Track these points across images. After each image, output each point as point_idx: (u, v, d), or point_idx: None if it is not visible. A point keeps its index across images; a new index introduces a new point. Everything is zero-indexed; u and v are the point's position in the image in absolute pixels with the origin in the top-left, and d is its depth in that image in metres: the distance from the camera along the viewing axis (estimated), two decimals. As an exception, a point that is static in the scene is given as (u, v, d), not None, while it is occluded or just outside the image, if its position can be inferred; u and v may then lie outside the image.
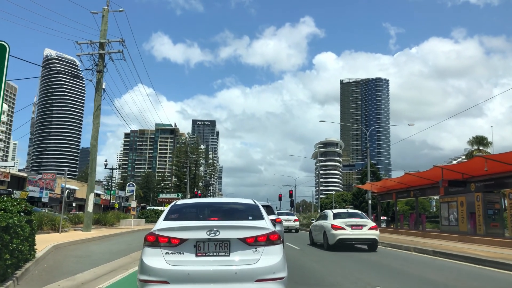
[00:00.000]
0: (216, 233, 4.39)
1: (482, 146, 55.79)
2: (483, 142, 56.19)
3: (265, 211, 5.31)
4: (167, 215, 5.03)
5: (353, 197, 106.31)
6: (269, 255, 4.42)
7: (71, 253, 11.17)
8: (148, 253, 4.40)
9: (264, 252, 4.42)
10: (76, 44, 20.27)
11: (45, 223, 17.40)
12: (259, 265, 4.34)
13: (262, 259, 4.38)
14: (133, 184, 30.93)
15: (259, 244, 4.44)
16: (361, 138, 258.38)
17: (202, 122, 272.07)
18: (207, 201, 6.80)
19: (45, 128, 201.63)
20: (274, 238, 4.53)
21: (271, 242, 4.49)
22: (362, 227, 14.27)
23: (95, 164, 20.37)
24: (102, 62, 20.35)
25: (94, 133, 19.87)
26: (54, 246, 11.78)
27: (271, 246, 4.48)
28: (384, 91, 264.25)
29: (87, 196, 19.21)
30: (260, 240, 4.45)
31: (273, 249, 4.47)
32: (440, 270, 9.27)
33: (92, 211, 19.33)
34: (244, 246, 4.42)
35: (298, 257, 11.79)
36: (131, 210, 26.90)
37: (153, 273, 4.23)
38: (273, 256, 4.43)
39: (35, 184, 54.14)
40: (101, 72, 20.17)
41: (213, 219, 4.86)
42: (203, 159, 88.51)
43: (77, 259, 9.90)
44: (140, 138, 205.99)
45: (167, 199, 43.23)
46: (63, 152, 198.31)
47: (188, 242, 4.37)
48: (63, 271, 7.78)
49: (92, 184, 19.79)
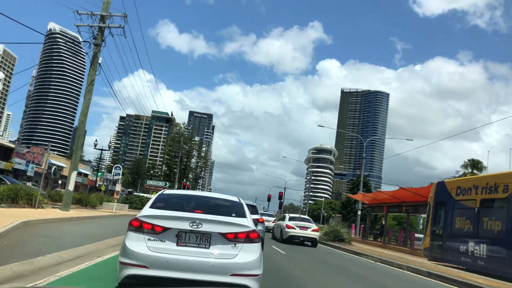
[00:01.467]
0: (198, 225, 4.49)
1: (477, 170, 55.35)
2: (478, 166, 55.78)
3: (250, 210, 5.51)
4: (153, 203, 5.14)
5: (342, 206, 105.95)
6: (247, 252, 4.53)
7: (40, 231, 10.29)
8: (131, 237, 4.50)
9: (243, 249, 4.53)
10: (76, 14, 19.28)
11: (21, 196, 16.41)
12: (236, 260, 4.46)
13: (240, 255, 4.49)
14: (120, 167, 29.87)
15: (239, 240, 4.56)
16: (355, 149, 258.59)
17: (199, 115, 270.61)
18: (194, 194, 6.78)
19: (41, 102, 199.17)
20: (254, 236, 4.65)
21: (250, 240, 4.60)
22: (307, 229, 19.21)
23: (81, 141, 19.40)
24: (101, 35, 19.37)
25: (84, 108, 18.88)
26: (24, 222, 10.88)
27: (250, 243, 4.59)
28: (384, 105, 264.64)
29: (69, 174, 18.22)
30: (240, 237, 4.56)
31: (251, 247, 4.59)
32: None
33: (73, 190, 18.37)
34: (224, 240, 4.53)
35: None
36: (115, 193, 25.93)
37: (134, 257, 4.33)
38: (251, 253, 4.54)
39: (22, 157, 52.83)
40: (98, 45, 19.19)
41: (197, 212, 4.90)
42: (196, 151, 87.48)
43: (44, 239, 9.04)
44: (135, 123, 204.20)
45: (154, 186, 42.14)
46: (56, 128, 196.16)
47: (170, 231, 4.47)
48: (23, 252, 6.92)
49: (76, 161, 18.81)
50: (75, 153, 19.09)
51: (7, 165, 48.03)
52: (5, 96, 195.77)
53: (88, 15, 19.49)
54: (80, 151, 19.12)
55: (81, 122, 18.80)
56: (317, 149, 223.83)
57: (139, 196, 37.58)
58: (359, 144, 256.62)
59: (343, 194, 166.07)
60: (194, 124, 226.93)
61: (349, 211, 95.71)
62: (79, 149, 19.09)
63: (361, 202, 34.27)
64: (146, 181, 45.00)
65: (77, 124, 19.32)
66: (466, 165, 56.24)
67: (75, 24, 19.37)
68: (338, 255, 15.99)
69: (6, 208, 14.50)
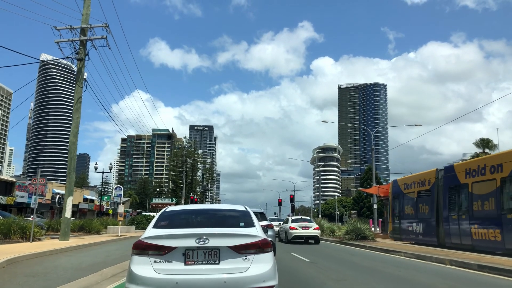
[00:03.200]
0: (205, 241, 4.30)
1: (488, 148, 53.96)
2: (489, 145, 54.51)
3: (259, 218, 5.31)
4: (156, 222, 4.92)
5: (354, 202, 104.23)
6: (260, 263, 4.34)
7: (26, 269, 8.90)
8: (136, 261, 4.32)
9: (254, 260, 4.34)
10: (55, 29, 18.09)
11: (14, 231, 15.08)
12: (249, 273, 4.25)
13: (252, 267, 4.30)
14: (121, 187, 28.47)
15: (249, 252, 4.35)
16: (359, 143, 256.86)
17: (199, 128, 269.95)
18: (198, 207, 6.46)
19: (41, 134, 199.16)
20: (265, 246, 4.45)
21: (262, 250, 4.41)
22: (309, 228, 21.07)
23: (74, 164, 18.01)
24: (83, 49, 18.13)
25: (73, 128, 17.57)
26: (9, 260, 9.52)
27: (262, 254, 4.39)
28: (382, 96, 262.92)
29: (65, 200, 16.87)
30: (250, 248, 4.36)
31: (263, 257, 4.39)
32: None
33: (70, 217, 16.98)
34: (234, 254, 4.33)
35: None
36: (118, 215, 24.36)
37: (141, 282, 4.15)
38: (264, 264, 4.34)
39: (25, 190, 51.64)
40: (82, 60, 17.92)
41: (203, 226, 4.70)
42: (200, 163, 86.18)
43: (27, 278, 7.65)
44: (137, 144, 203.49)
45: (161, 204, 40.56)
46: (59, 157, 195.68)
47: (176, 250, 4.29)
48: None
49: (70, 186, 17.41)
50: (69, 177, 17.69)
51: (9, 199, 46.85)
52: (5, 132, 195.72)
53: (68, 30, 18.28)
54: (74, 174, 17.78)
55: (72, 143, 17.49)
56: (321, 148, 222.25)
57: (145, 215, 36.08)
58: (362, 138, 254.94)
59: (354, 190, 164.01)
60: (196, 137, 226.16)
61: (361, 206, 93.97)
62: (72, 173, 17.72)
63: (376, 196, 32.66)
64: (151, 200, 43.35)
65: (68, 146, 17.94)
66: (478, 144, 54.96)
67: (54, 40, 18.20)
68: (367, 256, 14.47)
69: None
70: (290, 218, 22.88)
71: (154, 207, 42.39)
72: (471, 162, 15.94)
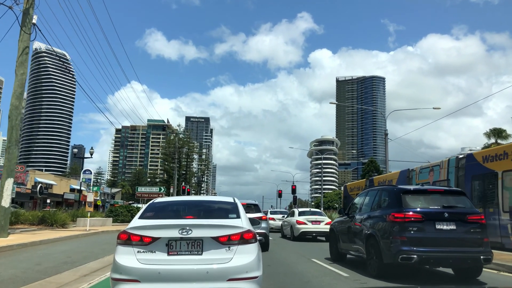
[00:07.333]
0: (188, 232, 4.33)
1: (500, 138, 51.01)
2: (502, 135, 51.55)
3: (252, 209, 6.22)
4: (142, 213, 4.94)
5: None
6: (243, 254, 4.33)
7: None
8: (120, 251, 4.36)
9: (238, 251, 4.33)
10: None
11: None
12: (232, 264, 4.26)
13: (235, 258, 4.29)
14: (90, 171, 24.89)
15: (232, 243, 4.36)
16: (357, 137, 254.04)
17: (195, 119, 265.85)
18: (187, 199, 6.38)
19: (34, 124, 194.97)
20: (248, 237, 4.43)
21: (245, 241, 4.39)
22: (320, 223, 17.80)
23: (16, 135, 14.21)
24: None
25: (16, 88, 13.70)
26: None
27: (245, 245, 4.38)
28: (381, 89, 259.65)
29: (2, 184, 13.16)
30: (234, 239, 4.37)
31: (246, 248, 4.37)
32: None
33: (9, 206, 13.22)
34: (217, 245, 4.34)
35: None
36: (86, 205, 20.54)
37: (125, 272, 4.20)
38: (247, 255, 4.34)
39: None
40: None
41: (188, 217, 4.75)
42: (195, 154, 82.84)
43: None
44: (131, 135, 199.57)
45: (147, 194, 37.00)
46: (52, 148, 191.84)
47: (160, 241, 4.33)
48: None
49: (10, 165, 13.65)
50: (8, 153, 13.85)
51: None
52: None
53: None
54: (15, 149, 14.12)
55: (13, 107, 13.60)
56: (318, 141, 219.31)
57: (126, 207, 32.46)
58: (360, 132, 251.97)
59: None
60: (192, 129, 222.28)
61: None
62: (13, 146, 13.99)
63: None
64: (137, 189, 39.57)
65: (9, 111, 14.10)
66: (489, 134, 52.03)
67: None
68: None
69: None
70: (297, 210, 19.81)
71: (139, 196, 38.86)
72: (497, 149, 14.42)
